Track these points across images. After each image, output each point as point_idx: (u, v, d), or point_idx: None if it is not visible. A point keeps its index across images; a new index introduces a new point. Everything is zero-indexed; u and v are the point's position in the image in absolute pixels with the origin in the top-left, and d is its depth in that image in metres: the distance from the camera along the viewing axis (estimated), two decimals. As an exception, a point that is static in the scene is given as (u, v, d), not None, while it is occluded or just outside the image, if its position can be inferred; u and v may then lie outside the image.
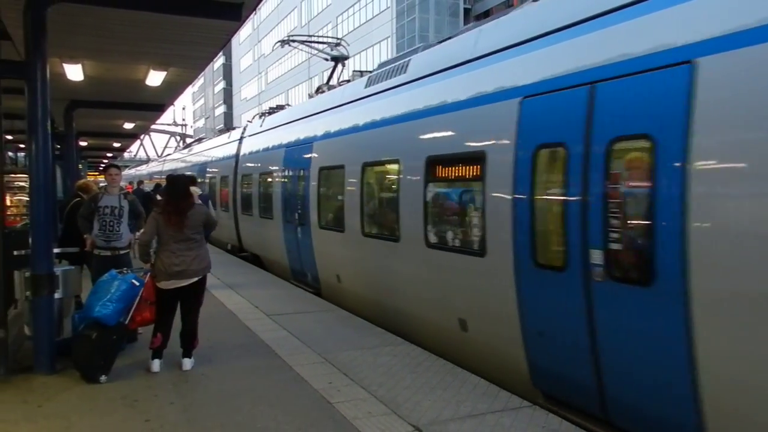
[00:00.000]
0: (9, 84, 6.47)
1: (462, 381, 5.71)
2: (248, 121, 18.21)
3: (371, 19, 50.09)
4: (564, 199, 5.00)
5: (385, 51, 46.72)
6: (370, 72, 10.29)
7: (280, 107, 17.02)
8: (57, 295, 6.11)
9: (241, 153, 16.37)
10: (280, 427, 4.70)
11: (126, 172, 51.63)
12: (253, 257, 15.32)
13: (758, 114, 3.68)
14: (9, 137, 17.35)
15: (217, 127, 73.94)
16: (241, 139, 16.94)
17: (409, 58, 8.37)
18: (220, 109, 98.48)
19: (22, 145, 19.33)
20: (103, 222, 7.18)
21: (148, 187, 23.24)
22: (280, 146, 12.83)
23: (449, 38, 8.09)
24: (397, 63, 8.68)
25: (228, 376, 5.88)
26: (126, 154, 49.95)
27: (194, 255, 6.09)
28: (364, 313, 8.62)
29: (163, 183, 17.88)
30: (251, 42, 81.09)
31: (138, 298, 6.11)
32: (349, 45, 16.40)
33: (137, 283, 6.09)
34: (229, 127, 31.22)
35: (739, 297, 3.76)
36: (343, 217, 9.25)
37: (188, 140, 45.78)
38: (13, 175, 16.01)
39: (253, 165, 14.97)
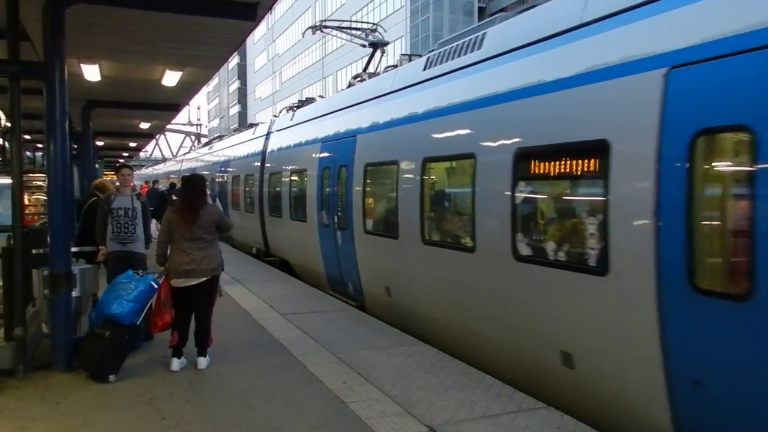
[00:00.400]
0: (28, 84, 6.53)
1: (476, 381, 5.69)
2: (274, 116, 17.32)
3: (385, 18, 50.01)
4: (748, 201, 3.79)
5: (399, 50, 46.65)
6: (419, 56, 9.28)
7: (310, 99, 15.63)
8: (74, 294, 6.17)
9: (269, 149, 15.12)
10: (294, 426, 4.71)
11: (143, 171, 51.93)
12: (281, 262, 14.25)
13: None
14: (27, 137, 17.56)
15: (231, 126, 74.25)
16: (267, 135, 15.64)
17: (483, 32, 6.98)
18: (235, 109, 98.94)
19: (40, 145, 19.57)
20: (117, 224, 7.19)
21: (163, 186, 23.33)
22: (314, 141, 11.61)
23: (532, 6, 6.67)
24: (465, 39, 7.27)
25: (243, 375, 5.91)
26: (141, 154, 50.34)
27: (204, 254, 6.13)
28: (423, 333, 7.51)
29: (178, 183, 17.81)
30: (265, 42, 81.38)
31: (154, 300, 6.16)
32: (386, 31, 15.06)
33: (155, 286, 6.14)
34: (243, 125, 30.80)
35: None
36: (397, 222, 8.01)
37: (203, 140, 46.06)
38: (31, 175, 16.19)
39: (282, 162, 13.72)
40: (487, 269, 6.23)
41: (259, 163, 15.58)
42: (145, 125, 18.53)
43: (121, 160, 40.95)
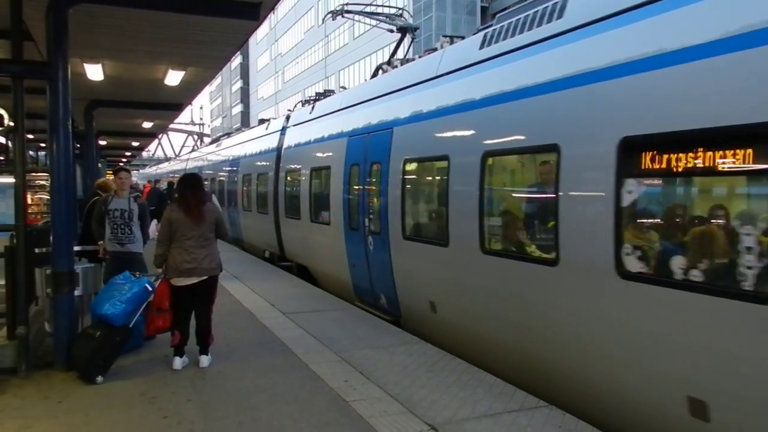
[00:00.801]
0: (31, 84, 6.54)
1: (478, 380, 5.69)
2: (288, 111, 16.41)
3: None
4: None
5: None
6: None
7: (329, 92, 14.55)
8: (77, 293, 6.18)
9: (285, 146, 13.96)
10: (296, 425, 4.72)
11: (146, 170, 51.81)
12: (298, 268, 13.10)
13: None
14: (30, 136, 17.62)
15: (234, 126, 74.33)
16: (283, 131, 14.49)
17: None
18: (237, 108, 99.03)
19: (43, 144, 19.62)
20: (114, 225, 7.22)
21: (163, 185, 23.17)
22: (340, 135, 10.37)
23: None
24: (536, 9, 6.16)
25: (245, 374, 5.92)
26: (144, 153, 50.34)
27: (206, 253, 6.14)
28: (477, 357, 6.46)
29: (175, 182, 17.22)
30: (268, 41, 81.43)
31: (147, 303, 6.13)
32: (412, 15, 15.02)
33: (150, 288, 6.12)
34: (245, 125, 30.55)
35: None
36: (447, 226, 6.89)
37: (206, 139, 45.99)
38: (34, 174, 16.23)
39: (301, 159, 12.53)
40: (574, 287, 5.12)
41: (273, 161, 14.55)
42: (147, 125, 18.57)
43: (123, 161, 41.04)
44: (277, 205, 13.97)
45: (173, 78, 10.53)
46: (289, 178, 13.19)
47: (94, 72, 9.96)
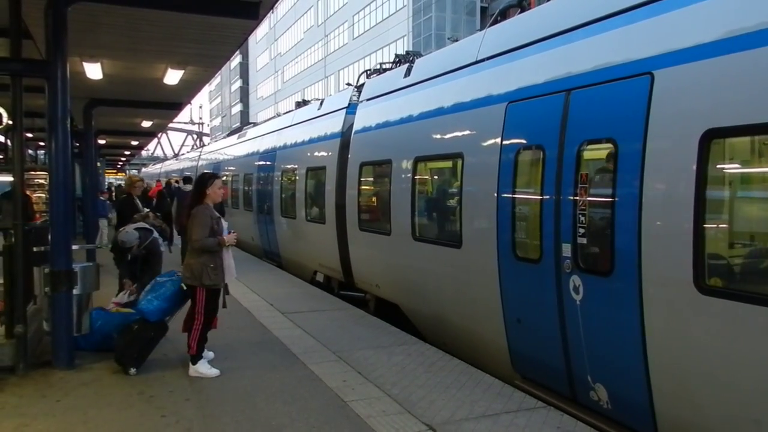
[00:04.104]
0: (30, 82, 6.54)
1: (476, 381, 5.69)
2: (347, 84, 13.24)
3: (387, 17, 50.06)
4: None
5: (401, 50, 46.66)
6: None
7: (413, 54, 10.82)
8: (75, 291, 6.17)
9: (357, 128, 10.01)
10: (294, 425, 4.72)
11: (150, 169, 50.97)
12: (377, 304, 9.38)
13: None
14: (29, 135, 17.61)
15: (233, 125, 74.33)
16: (351, 108, 10.73)
17: None
18: (237, 108, 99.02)
19: (42, 143, 19.61)
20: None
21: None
22: (485, 101, 6.48)
23: None
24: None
25: (243, 373, 5.91)
26: (143, 152, 50.20)
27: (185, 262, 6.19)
28: None
29: (175, 181, 16.19)
30: (268, 41, 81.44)
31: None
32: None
33: (184, 287, 6.14)
34: (245, 124, 29.12)
35: None
36: None
37: (206, 139, 45.83)
38: (32, 173, 16.23)
39: (392, 145, 8.70)
40: None
41: (334, 151, 10.86)
42: (146, 124, 18.54)
43: (122, 160, 40.95)
44: (342, 213, 10.23)
45: (172, 77, 10.52)
46: (367, 174, 9.57)
47: (93, 71, 9.94)
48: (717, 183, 4.28)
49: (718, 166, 4.27)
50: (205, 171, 6.20)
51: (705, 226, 4.13)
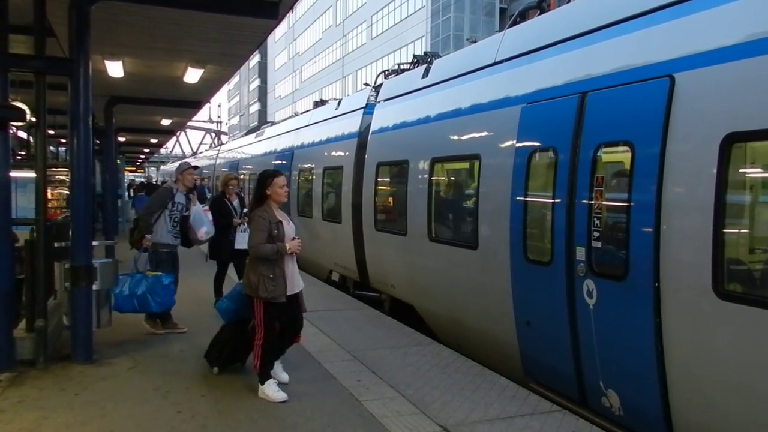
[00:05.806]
0: (53, 80, 6.63)
1: (491, 383, 5.67)
2: (364, 84, 13.16)
3: (406, 18, 50.05)
4: None
5: (419, 50, 46.63)
6: None
7: (431, 55, 10.86)
8: (95, 287, 6.25)
9: (374, 128, 9.98)
10: (308, 423, 4.73)
11: (168, 166, 51.19)
12: (392, 304, 9.31)
13: None
14: (51, 132, 17.83)
15: (251, 124, 74.69)
16: (368, 108, 10.70)
17: None
18: (255, 107, 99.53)
19: (63, 140, 19.85)
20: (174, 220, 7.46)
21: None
22: (503, 103, 6.46)
23: None
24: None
25: (258, 371, 5.94)
26: (162, 150, 50.58)
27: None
28: None
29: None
30: (286, 40, 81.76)
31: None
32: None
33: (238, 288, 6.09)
34: (263, 123, 29.02)
35: None
36: None
37: (224, 138, 45.99)
38: (54, 169, 16.44)
39: (408, 146, 8.67)
40: None
41: (351, 151, 10.92)
42: (166, 122, 18.73)
43: (141, 157, 41.27)
44: (358, 213, 10.27)
45: (192, 76, 10.60)
46: (384, 173, 9.55)
47: (115, 69, 10.06)
48: (737, 187, 4.21)
49: (740, 170, 4.20)
50: (266, 169, 5.21)
51: (725, 230, 4.04)
